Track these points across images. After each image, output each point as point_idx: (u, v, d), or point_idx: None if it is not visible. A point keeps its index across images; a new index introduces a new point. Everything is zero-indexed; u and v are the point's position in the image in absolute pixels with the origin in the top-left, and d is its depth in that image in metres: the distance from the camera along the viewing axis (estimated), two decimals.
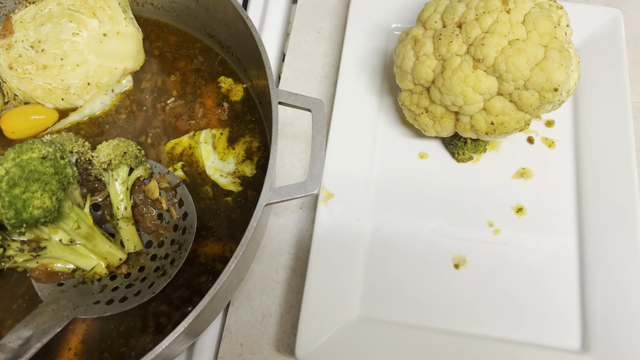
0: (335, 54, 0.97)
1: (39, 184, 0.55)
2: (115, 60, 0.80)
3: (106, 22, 0.79)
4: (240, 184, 0.75)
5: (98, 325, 0.68)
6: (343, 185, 0.82)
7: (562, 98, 0.75)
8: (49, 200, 0.56)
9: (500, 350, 0.72)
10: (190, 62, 0.84)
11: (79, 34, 0.79)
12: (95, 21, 0.79)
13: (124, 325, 0.68)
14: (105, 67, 0.79)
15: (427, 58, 0.75)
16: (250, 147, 0.78)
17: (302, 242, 0.83)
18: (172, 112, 0.81)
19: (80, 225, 0.63)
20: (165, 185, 0.73)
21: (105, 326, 0.68)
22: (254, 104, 0.80)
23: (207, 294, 0.56)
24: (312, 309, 0.74)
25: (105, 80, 0.79)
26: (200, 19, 0.82)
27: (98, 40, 0.79)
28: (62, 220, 0.61)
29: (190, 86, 0.82)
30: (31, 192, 0.55)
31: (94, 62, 0.79)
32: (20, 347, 0.56)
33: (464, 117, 0.76)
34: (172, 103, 0.81)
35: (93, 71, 0.79)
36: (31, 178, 0.55)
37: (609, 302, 0.73)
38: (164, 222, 0.72)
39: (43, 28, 0.79)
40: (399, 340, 0.73)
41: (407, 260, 0.79)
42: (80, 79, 0.79)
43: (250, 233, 0.57)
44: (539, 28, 0.71)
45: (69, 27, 0.78)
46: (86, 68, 0.79)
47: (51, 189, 0.57)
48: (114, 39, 0.79)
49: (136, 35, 0.82)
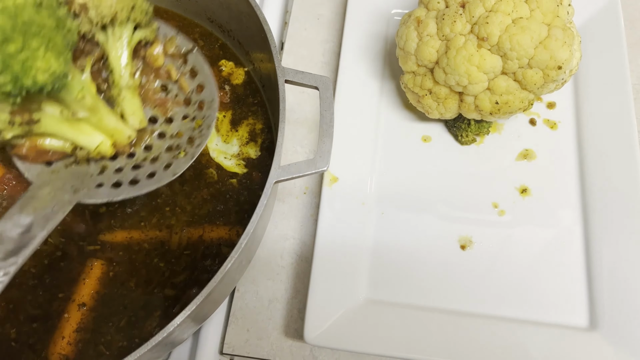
0: (335, 41, 0.97)
1: (40, 40, 0.43)
2: None
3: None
4: (245, 166, 0.75)
5: (95, 316, 0.67)
6: (347, 170, 0.82)
7: (565, 77, 0.75)
8: (55, 60, 0.44)
9: (508, 329, 0.72)
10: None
11: None
12: None
13: (124, 321, 0.67)
14: None
15: (430, 38, 0.75)
16: (253, 129, 0.77)
17: (307, 227, 0.82)
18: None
19: (85, 95, 0.52)
20: (173, 52, 0.61)
21: (103, 321, 0.66)
22: (256, 87, 0.80)
23: (219, 271, 0.55)
24: (319, 293, 0.73)
25: None
26: (200, 3, 0.81)
27: None
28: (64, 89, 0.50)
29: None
30: (31, 50, 0.42)
31: None
32: (21, 236, 0.50)
33: (468, 97, 0.76)
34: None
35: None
36: (28, 31, 0.42)
37: (615, 279, 0.73)
38: (172, 96, 0.62)
39: None
40: (407, 321, 0.73)
41: (413, 243, 0.78)
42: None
43: (261, 210, 0.57)
44: (542, 6, 0.71)
45: None
46: None
47: (56, 46, 0.44)
48: None
49: None
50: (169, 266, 0.69)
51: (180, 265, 0.69)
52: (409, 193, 0.82)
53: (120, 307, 0.67)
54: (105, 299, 0.67)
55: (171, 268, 0.68)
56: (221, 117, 0.78)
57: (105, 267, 0.69)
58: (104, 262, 0.69)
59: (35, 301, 0.67)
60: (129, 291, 0.68)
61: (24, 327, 0.65)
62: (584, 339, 0.71)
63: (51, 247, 0.69)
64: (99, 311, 0.67)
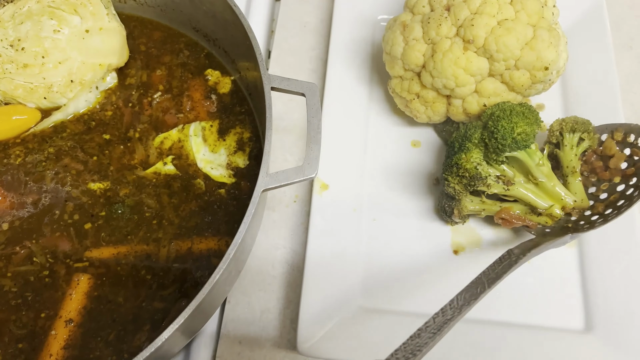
0: (322, 47, 0.96)
1: (520, 117, 0.69)
2: (98, 57, 0.78)
3: (88, 19, 0.78)
4: (233, 175, 0.74)
5: (83, 332, 0.65)
6: (338, 177, 0.81)
7: (552, 78, 0.75)
8: (528, 127, 0.69)
9: (503, 333, 0.71)
10: (176, 57, 0.83)
11: (61, 31, 0.77)
12: (76, 18, 0.78)
13: (113, 335, 0.65)
14: (88, 64, 0.77)
15: (416, 42, 0.75)
16: (241, 138, 0.76)
17: (298, 235, 0.81)
18: (159, 106, 0.79)
19: (543, 163, 0.71)
20: None
21: (91, 336, 0.65)
22: (242, 95, 0.79)
23: (207, 283, 0.54)
24: (311, 302, 0.72)
25: (89, 77, 0.77)
26: (185, 12, 0.81)
27: (80, 37, 0.77)
28: (530, 155, 0.71)
29: (176, 80, 0.81)
30: (514, 122, 0.69)
31: (77, 59, 0.77)
32: None
33: (455, 100, 0.76)
34: (159, 97, 0.80)
35: (76, 68, 0.77)
36: (512, 113, 0.70)
37: (610, 281, 0.73)
38: None
39: (22, 26, 0.76)
40: (402, 329, 0.72)
41: (406, 248, 0.78)
42: (63, 76, 0.76)
43: (249, 219, 0.56)
44: (526, 8, 0.71)
45: (50, 24, 0.76)
46: (69, 65, 0.77)
47: (529, 120, 0.69)
48: (97, 35, 0.78)
49: (119, 30, 0.80)
50: (156, 279, 0.67)
51: (169, 278, 0.68)
52: (400, 199, 0.81)
53: (108, 321, 0.66)
54: (92, 314, 0.66)
55: (159, 281, 0.67)
56: (208, 127, 0.77)
57: (92, 281, 0.67)
58: (90, 276, 0.67)
59: (19, 321, 0.65)
60: (117, 305, 0.66)
61: (10, 348, 0.64)
62: (580, 341, 0.70)
63: (37, 266, 0.68)
64: (87, 326, 0.65)
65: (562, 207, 0.71)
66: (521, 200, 0.72)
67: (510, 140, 0.69)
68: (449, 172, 0.71)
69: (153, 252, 0.69)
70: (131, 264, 0.68)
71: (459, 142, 0.73)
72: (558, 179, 0.72)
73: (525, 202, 0.72)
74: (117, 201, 0.72)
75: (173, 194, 0.73)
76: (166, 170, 0.74)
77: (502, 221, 0.73)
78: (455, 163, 0.71)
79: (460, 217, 0.74)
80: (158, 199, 0.72)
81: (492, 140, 0.70)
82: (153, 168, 0.74)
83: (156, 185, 0.73)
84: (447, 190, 0.72)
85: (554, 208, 0.71)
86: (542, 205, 0.71)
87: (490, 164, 0.71)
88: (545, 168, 0.72)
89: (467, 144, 0.72)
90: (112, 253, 0.69)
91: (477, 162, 0.70)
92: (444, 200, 0.76)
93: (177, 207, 0.72)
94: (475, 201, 0.73)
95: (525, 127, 0.69)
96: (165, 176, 0.74)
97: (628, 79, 0.92)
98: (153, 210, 0.71)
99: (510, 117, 0.69)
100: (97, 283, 0.67)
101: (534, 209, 0.72)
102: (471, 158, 0.70)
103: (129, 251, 0.69)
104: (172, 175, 0.74)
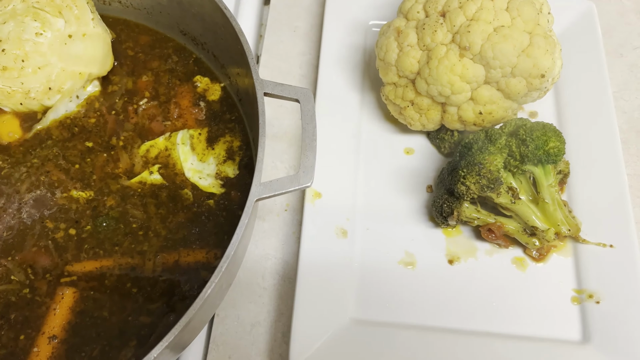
0: (313, 53, 0.94)
1: (552, 132, 0.71)
2: (79, 64, 0.74)
3: (72, 23, 0.74)
4: (222, 186, 0.71)
5: (67, 348, 0.62)
6: (330, 185, 0.79)
7: (548, 85, 0.74)
8: (560, 144, 0.71)
9: (501, 345, 0.70)
10: (164, 62, 0.80)
11: (43, 34, 0.73)
12: (60, 21, 0.74)
13: (97, 350, 0.62)
14: (68, 72, 0.74)
15: (411, 49, 0.73)
16: (231, 146, 0.74)
17: (289, 245, 0.79)
18: (145, 114, 0.76)
19: (554, 184, 0.72)
20: None
21: (75, 352, 0.62)
22: (232, 102, 0.77)
23: (198, 297, 0.51)
24: (303, 315, 0.70)
25: (68, 85, 0.74)
26: (173, 15, 0.79)
27: (62, 42, 0.74)
28: (546, 174, 0.72)
29: (163, 87, 0.78)
30: (547, 136, 0.70)
31: (57, 65, 0.73)
32: None
33: (451, 107, 0.74)
34: (145, 105, 0.77)
35: (55, 75, 0.73)
36: (546, 128, 0.71)
37: (605, 292, 0.72)
38: None
39: (5, 26, 0.73)
40: (396, 341, 0.70)
41: (400, 258, 0.76)
42: (41, 83, 0.73)
43: (242, 230, 0.53)
44: (523, 14, 0.70)
45: (33, 26, 0.73)
46: (48, 72, 0.73)
47: (560, 138, 0.72)
48: (80, 41, 0.74)
49: (104, 37, 0.77)
50: (143, 293, 0.65)
51: (157, 292, 0.65)
52: (393, 207, 0.79)
53: (93, 335, 0.63)
54: (76, 329, 0.63)
55: (146, 295, 0.64)
56: (197, 135, 0.74)
57: (78, 295, 0.64)
58: (75, 290, 0.64)
59: None
60: (102, 320, 0.63)
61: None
62: (577, 352, 0.69)
63: (17, 285, 0.65)
64: (71, 342, 0.62)
65: (556, 232, 0.72)
66: (520, 217, 0.73)
67: (542, 151, 0.70)
68: (469, 170, 0.70)
69: (139, 265, 0.66)
70: (116, 276, 0.65)
71: (478, 145, 0.73)
72: None
73: (522, 220, 0.72)
74: (102, 213, 0.69)
75: (160, 204, 0.70)
76: (152, 180, 0.71)
77: (488, 233, 0.73)
78: (479, 162, 0.70)
79: (457, 219, 0.73)
80: (144, 209, 0.69)
81: (523, 148, 0.70)
82: (138, 177, 0.71)
83: (142, 195, 0.70)
84: (458, 189, 0.71)
85: (550, 232, 0.72)
86: (541, 226, 0.72)
87: (510, 170, 0.72)
88: (554, 189, 0.73)
89: (491, 147, 0.71)
90: (96, 266, 0.66)
91: (499, 166, 0.70)
92: (443, 200, 0.74)
93: (165, 218, 0.69)
94: (471, 208, 0.72)
95: (557, 143, 0.71)
96: (151, 186, 0.71)
97: (620, 86, 0.92)
98: (139, 220, 0.69)
99: (544, 130, 0.71)
100: (83, 296, 0.64)
101: (527, 229, 0.73)
102: (495, 161, 0.70)
103: (113, 264, 0.66)
104: (159, 185, 0.71)
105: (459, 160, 0.74)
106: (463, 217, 0.72)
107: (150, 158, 0.73)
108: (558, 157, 0.71)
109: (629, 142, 0.87)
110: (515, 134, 0.72)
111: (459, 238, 0.77)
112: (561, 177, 0.78)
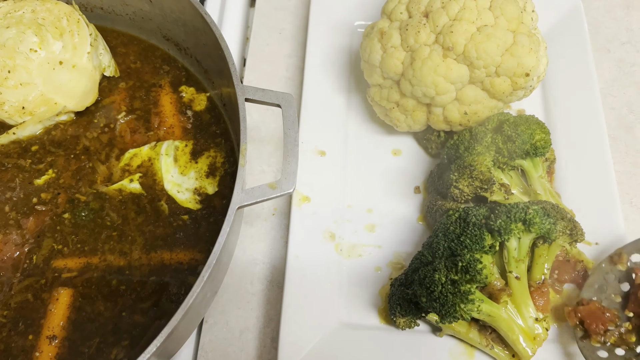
0: (299, 55, 0.94)
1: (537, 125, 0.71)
2: (58, 94, 0.73)
3: (69, 49, 0.73)
4: (199, 202, 0.70)
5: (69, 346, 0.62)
6: (317, 188, 0.79)
7: (533, 84, 0.73)
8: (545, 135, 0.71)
9: None
10: (152, 73, 0.79)
11: (37, 52, 0.72)
12: (59, 44, 0.73)
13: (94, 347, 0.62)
14: (45, 98, 0.73)
15: (395, 50, 0.73)
16: (214, 162, 0.73)
17: (277, 250, 0.78)
18: (128, 124, 0.75)
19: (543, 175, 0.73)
20: None
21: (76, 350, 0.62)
22: (218, 113, 0.76)
23: (180, 308, 0.51)
24: (292, 320, 0.69)
25: (42, 110, 0.73)
26: (155, 20, 0.78)
27: (52, 67, 0.72)
28: (535, 167, 0.72)
29: (148, 97, 0.77)
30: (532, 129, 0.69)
31: (38, 87, 0.72)
32: None
33: (436, 108, 0.74)
34: (124, 118, 0.76)
35: (32, 97, 0.72)
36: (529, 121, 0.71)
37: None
38: None
39: (6, 32, 0.72)
40: (386, 344, 0.70)
41: (389, 260, 0.75)
42: (18, 100, 0.72)
43: (223, 238, 0.53)
44: (506, 13, 0.70)
45: (31, 40, 0.72)
46: (28, 91, 0.72)
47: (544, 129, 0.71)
48: (67, 71, 0.73)
49: (92, 75, 0.75)
50: (131, 292, 0.65)
51: (146, 292, 0.65)
52: (381, 209, 0.79)
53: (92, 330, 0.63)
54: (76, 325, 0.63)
55: (135, 294, 0.65)
56: (182, 147, 0.74)
57: (71, 292, 0.65)
58: (67, 288, 0.65)
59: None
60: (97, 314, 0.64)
61: None
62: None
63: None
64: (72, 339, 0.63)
65: None
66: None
67: (529, 145, 0.69)
68: (460, 174, 0.69)
69: (124, 266, 0.66)
70: (103, 274, 0.66)
71: (464, 145, 0.72)
72: None
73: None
74: (79, 206, 0.69)
75: (140, 210, 0.69)
76: (131, 189, 0.70)
77: None
78: (470, 164, 0.69)
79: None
80: (123, 214, 0.69)
81: (510, 144, 0.70)
82: (118, 185, 0.71)
83: (123, 201, 0.70)
84: (452, 193, 0.70)
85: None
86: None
87: (500, 167, 0.71)
88: (544, 180, 0.72)
89: (478, 147, 0.70)
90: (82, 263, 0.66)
91: (489, 166, 0.70)
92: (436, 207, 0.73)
93: (141, 225, 0.69)
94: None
95: (543, 135, 0.70)
96: (130, 194, 0.70)
97: (607, 83, 0.91)
98: (116, 224, 0.69)
99: (528, 123, 0.70)
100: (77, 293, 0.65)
101: None
102: (484, 161, 0.69)
103: (98, 263, 0.66)
104: (137, 194, 0.70)
105: (447, 163, 0.74)
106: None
107: (132, 166, 0.72)
108: (545, 149, 0.71)
109: (617, 139, 0.87)
110: (499, 130, 0.71)
111: None
112: (548, 164, 0.77)
